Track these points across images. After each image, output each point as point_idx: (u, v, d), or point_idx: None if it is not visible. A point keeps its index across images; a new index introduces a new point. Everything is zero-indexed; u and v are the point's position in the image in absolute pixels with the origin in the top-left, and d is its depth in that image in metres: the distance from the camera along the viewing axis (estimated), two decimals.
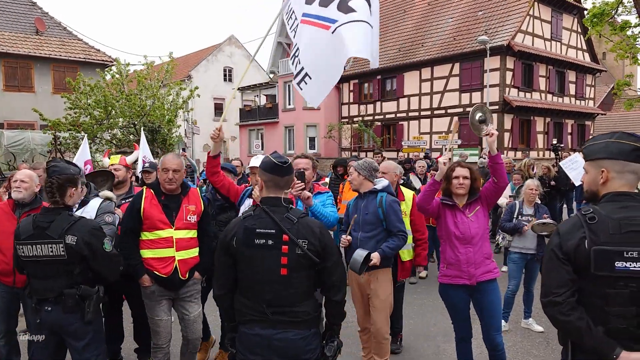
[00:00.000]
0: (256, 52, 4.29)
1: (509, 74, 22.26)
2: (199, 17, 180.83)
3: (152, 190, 3.67)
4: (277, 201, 2.45)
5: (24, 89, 21.66)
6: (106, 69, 14.15)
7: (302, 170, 3.65)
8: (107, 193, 3.57)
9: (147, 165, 5.47)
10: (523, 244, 5.55)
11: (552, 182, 9.80)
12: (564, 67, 25.17)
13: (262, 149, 31.36)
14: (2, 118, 20.78)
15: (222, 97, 39.87)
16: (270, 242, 2.36)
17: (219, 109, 40.20)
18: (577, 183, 7.90)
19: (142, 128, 10.85)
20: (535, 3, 23.28)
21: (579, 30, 26.31)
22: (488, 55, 19.88)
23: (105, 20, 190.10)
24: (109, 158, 4.48)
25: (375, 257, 3.79)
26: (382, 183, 4.10)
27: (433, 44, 25.20)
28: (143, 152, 5.82)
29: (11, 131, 18.37)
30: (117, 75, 14.39)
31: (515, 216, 5.66)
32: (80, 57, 22.42)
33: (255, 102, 34.47)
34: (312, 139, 29.12)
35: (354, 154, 26.87)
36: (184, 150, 14.45)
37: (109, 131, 13.57)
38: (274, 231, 2.36)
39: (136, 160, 5.58)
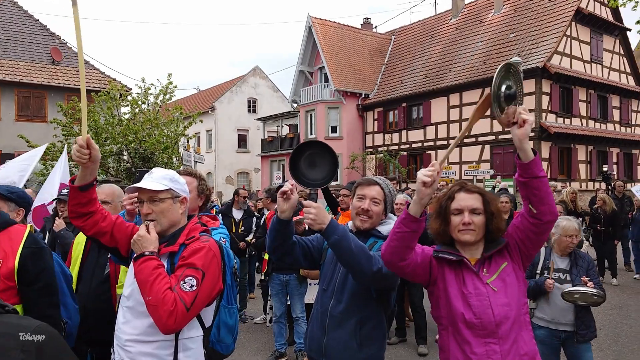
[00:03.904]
0: None
1: (545, 98, 20.45)
2: (225, 51, 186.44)
3: None
4: None
5: (37, 119, 21.17)
6: (100, 92, 13.07)
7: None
8: None
9: (64, 192, 4.01)
10: (552, 314, 3.45)
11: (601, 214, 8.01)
12: (606, 91, 23.19)
13: (283, 181, 30.19)
14: (13, 148, 20.26)
15: (246, 128, 39.19)
16: None
17: (242, 140, 39.49)
18: None
19: (135, 154, 9.60)
20: (573, 23, 21.60)
21: (622, 52, 24.49)
22: (521, 77, 18.18)
23: (132, 53, 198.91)
24: None
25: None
26: (389, 226, 2.41)
27: (462, 68, 23.70)
28: (57, 176, 4.39)
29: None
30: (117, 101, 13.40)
31: (538, 271, 3.61)
32: (95, 87, 21.91)
33: (278, 132, 33.53)
34: None
35: None
36: None
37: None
38: None
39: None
